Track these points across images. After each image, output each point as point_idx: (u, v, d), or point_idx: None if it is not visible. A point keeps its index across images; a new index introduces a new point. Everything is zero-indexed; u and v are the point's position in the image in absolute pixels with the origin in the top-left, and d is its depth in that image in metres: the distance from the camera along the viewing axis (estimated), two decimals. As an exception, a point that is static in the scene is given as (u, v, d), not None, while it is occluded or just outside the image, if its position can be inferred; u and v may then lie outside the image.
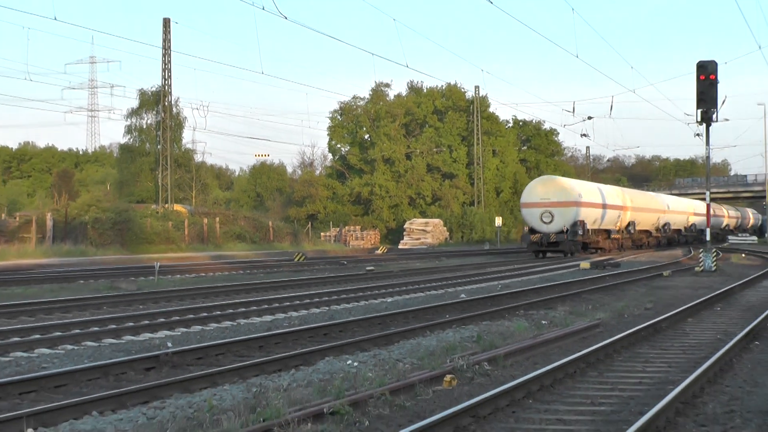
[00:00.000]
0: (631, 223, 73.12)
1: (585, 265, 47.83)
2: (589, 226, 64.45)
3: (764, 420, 11.44)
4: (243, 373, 14.37)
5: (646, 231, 79.73)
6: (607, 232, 69.13)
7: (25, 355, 16.53)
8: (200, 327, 20.86)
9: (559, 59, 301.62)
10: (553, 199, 63.12)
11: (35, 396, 12.82)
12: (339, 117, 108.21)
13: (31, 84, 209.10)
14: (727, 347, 16.49)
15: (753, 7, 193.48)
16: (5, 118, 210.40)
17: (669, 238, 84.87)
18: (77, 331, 19.54)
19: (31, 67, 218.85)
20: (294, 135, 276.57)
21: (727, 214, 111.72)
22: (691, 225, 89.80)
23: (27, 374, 14.01)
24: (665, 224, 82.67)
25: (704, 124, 43.72)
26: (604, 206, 68.29)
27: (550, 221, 62.65)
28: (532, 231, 63.76)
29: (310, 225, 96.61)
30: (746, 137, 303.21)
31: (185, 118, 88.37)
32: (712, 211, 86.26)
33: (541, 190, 64.70)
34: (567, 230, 62.48)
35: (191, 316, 22.65)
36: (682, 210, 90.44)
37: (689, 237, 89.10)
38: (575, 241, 62.97)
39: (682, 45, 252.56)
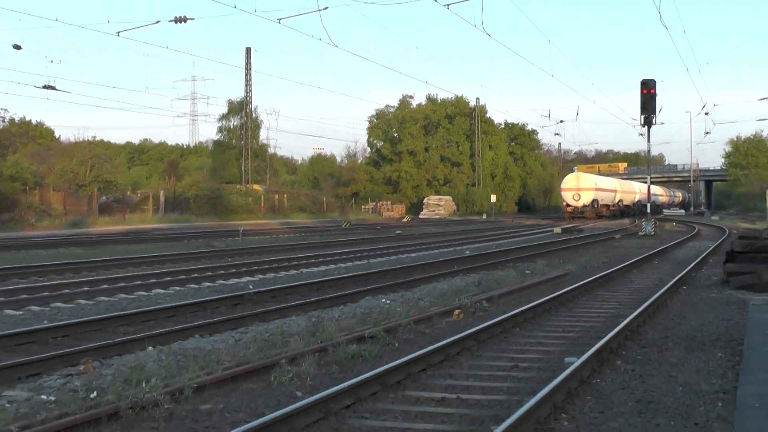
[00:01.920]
0: (620, 201, 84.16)
1: (557, 230, 47.64)
2: (600, 202, 77.60)
3: (689, 343, 11.46)
4: (305, 308, 14.44)
5: (627, 205, 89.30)
6: (607, 206, 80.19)
7: (145, 294, 16.67)
8: (273, 274, 20.93)
9: (539, 77, 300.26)
10: (580, 186, 76.25)
11: (153, 323, 12.93)
12: (375, 120, 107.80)
13: (149, 95, 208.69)
14: (662, 291, 16.46)
15: (683, 40, 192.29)
16: (129, 121, 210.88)
17: (639, 210, 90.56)
18: (183, 276, 19.67)
19: (149, 83, 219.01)
20: (342, 133, 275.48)
21: (664, 194, 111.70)
22: (682, 201, 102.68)
23: (147, 307, 14.15)
24: (638, 201, 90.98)
25: (646, 127, 43.44)
26: (607, 190, 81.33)
27: (578, 199, 75.72)
28: (568, 205, 76.92)
29: (353, 200, 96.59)
30: (677, 136, 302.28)
31: (261, 121, 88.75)
32: (663, 192, 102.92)
33: (573, 180, 77.64)
34: (588, 205, 75.28)
35: (266, 266, 22.72)
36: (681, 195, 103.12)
37: (652, 209, 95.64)
38: (592, 211, 75.19)
39: (630, 67, 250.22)
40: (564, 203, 78.28)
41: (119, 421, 7.26)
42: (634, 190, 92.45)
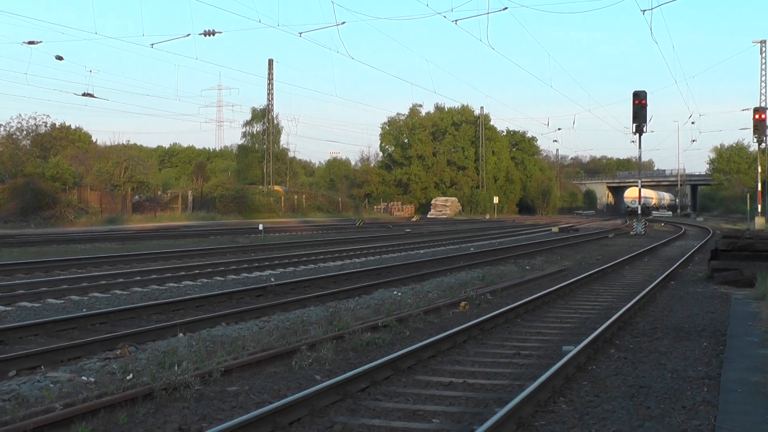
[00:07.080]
0: (653, 203, 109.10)
1: (555, 229, 47.59)
2: (647, 205, 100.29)
3: (676, 333, 11.50)
4: (323, 299, 14.49)
5: (653, 205, 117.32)
6: (649, 207, 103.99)
7: (175, 285, 16.75)
8: (293, 268, 21.01)
9: (539, 88, 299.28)
10: (635, 195, 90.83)
11: (183, 312, 13.01)
12: (387, 127, 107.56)
13: (179, 103, 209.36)
14: (652, 285, 16.48)
15: (671, 54, 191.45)
16: (160, 126, 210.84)
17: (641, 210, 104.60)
18: (210, 269, 19.76)
19: (179, 92, 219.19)
20: (356, 139, 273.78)
21: (654, 196, 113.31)
22: (670, 204, 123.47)
23: (178, 297, 14.22)
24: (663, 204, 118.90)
25: (637, 134, 43.51)
26: (651, 198, 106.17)
27: (635, 203, 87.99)
28: (628, 206, 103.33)
29: (366, 200, 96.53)
30: (665, 143, 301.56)
31: (282, 127, 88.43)
32: (653, 195, 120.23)
33: (631, 191, 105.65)
34: (640, 207, 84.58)
35: (286, 260, 22.80)
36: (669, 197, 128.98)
37: (670, 209, 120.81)
38: (644, 210, 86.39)
39: (622, 79, 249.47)
40: (626, 206, 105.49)
41: (154, 401, 7.32)
42: (662, 197, 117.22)
